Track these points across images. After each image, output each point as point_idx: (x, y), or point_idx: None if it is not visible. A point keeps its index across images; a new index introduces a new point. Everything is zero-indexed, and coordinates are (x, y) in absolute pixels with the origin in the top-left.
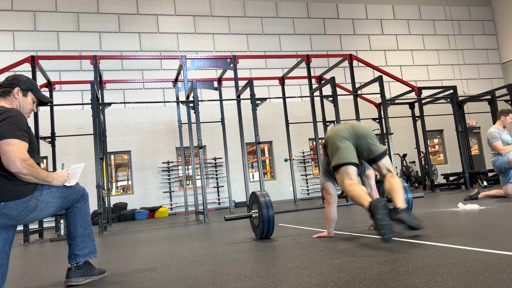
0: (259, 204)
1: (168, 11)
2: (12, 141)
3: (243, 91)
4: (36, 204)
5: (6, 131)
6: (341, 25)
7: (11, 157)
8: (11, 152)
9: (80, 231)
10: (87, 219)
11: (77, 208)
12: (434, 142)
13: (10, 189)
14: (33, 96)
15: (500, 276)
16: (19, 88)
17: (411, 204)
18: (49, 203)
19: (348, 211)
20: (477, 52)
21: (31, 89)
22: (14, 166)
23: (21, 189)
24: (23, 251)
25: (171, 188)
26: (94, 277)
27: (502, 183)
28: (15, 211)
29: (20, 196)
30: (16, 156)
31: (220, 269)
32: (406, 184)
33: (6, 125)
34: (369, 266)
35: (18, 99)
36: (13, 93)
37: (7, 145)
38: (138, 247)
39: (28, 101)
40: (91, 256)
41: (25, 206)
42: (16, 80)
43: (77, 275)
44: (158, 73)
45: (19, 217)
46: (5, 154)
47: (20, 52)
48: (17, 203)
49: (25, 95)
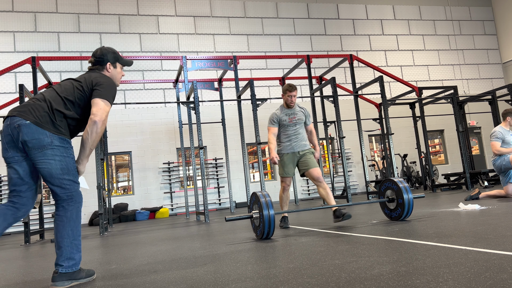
0: (260, 204)
1: (169, 12)
2: (109, 104)
3: (243, 92)
4: (48, 143)
5: (105, 93)
6: (341, 25)
7: (104, 112)
8: (105, 111)
9: (67, 242)
10: (76, 229)
11: (66, 212)
12: (434, 142)
13: (43, 118)
14: (120, 65)
15: (501, 276)
16: (110, 62)
17: (412, 204)
18: (55, 156)
19: (349, 210)
20: (478, 52)
21: (117, 59)
22: (98, 117)
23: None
24: (24, 252)
25: (171, 188)
26: (81, 280)
27: (502, 183)
28: (29, 135)
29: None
30: (105, 116)
31: (221, 270)
32: (407, 185)
33: (106, 89)
34: (370, 266)
35: (110, 72)
36: (106, 68)
37: (105, 104)
38: (139, 247)
39: (118, 71)
40: (74, 268)
41: (39, 138)
42: (105, 56)
43: (62, 279)
44: (159, 73)
45: (30, 143)
46: (99, 109)
47: (20, 53)
48: (37, 130)
49: (115, 67)
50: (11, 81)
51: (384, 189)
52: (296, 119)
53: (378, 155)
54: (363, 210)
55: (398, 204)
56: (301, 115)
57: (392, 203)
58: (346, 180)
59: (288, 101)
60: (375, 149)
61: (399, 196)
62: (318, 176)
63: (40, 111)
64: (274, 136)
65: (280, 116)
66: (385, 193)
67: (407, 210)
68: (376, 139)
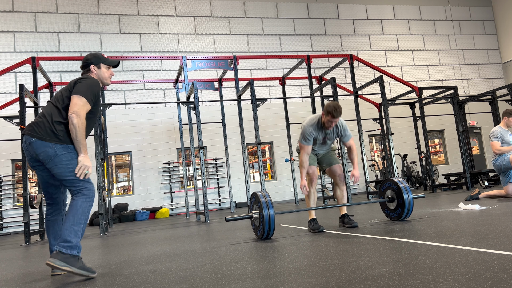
0: (260, 204)
1: (169, 12)
2: (83, 98)
3: (243, 92)
4: (53, 154)
5: (81, 89)
6: (341, 26)
7: (76, 106)
8: (78, 104)
9: (67, 226)
10: (77, 216)
11: (73, 201)
12: (435, 142)
13: (45, 132)
14: (105, 65)
15: (501, 276)
16: (93, 64)
17: (412, 204)
18: (62, 162)
19: (349, 211)
20: (478, 52)
21: (101, 61)
22: (72, 112)
23: (51, 136)
24: (24, 252)
25: (171, 188)
26: (74, 269)
27: (502, 183)
28: (38, 149)
29: (46, 139)
30: (80, 109)
31: (221, 270)
32: (407, 185)
33: (82, 86)
34: (370, 266)
35: (96, 73)
36: (91, 70)
37: (78, 99)
38: (139, 247)
39: (103, 71)
40: (69, 251)
41: (45, 150)
42: (88, 60)
43: (56, 257)
44: (159, 73)
45: (40, 156)
46: (73, 104)
47: (21, 53)
48: (42, 144)
49: (99, 67)
50: (11, 81)
51: (384, 189)
52: (331, 138)
53: (378, 155)
54: (363, 210)
55: (398, 204)
56: (337, 133)
57: (392, 203)
58: (347, 180)
59: (326, 125)
60: (375, 149)
61: (399, 196)
62: (341, 173)
63: (42, 127)
64: (307, 157)
65: (315, 135)
66: (385, 193)
67: (407, 210)
68: (376, 139)
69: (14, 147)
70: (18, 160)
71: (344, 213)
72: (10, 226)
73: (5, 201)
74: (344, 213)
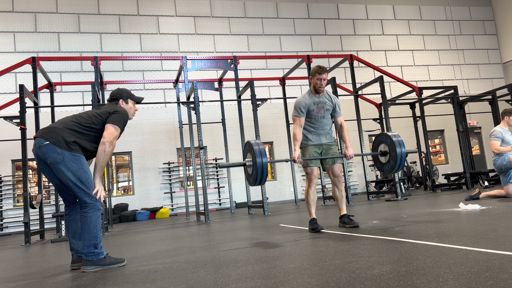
0: (253, 152)
1: (169, 12)
2: (118, 129)
3: (243, 92)
4: (60, 160)
5: (118, 120)
6: (341, 26)
7: (112, 135)
8: (113, 134)
9: (86, 243)
10: (91, 229)
11: (82, 217)
12: (435, 142)
13: (57, 139)
14: (132, 101)
15: (502, 276)
16: (122, 99)
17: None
18: (69, 168)
19: (349, 211)
20: (478, 52)
21: (129, 97)
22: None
23: (61, 143)
24: (24, 252)
25: (172, 189)
26: (105, 267)
27: (503, 183)
28: (46, 153)
29: (56, 144)
30: (114, 138)
31: (221, 270)
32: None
33: (119, 117)
34: (370, 266)
35: (123, 107)
36: (119, 103)
37: (115, 129)
38: (139, 248)
39: (130, 106)
40: (97, 257)
41: (53, 155)
42: (119, 95)
43: (88, 264)
44: (159, 74)
45: (48, 160)
46: (109, 132)
47: (21, 53)
48: (51, 148)
49: (127, 103)
50: (11, 81)
51: (378, 143)
52: (324, 109)
53: None
54: (363, 210)
55: (390, 157)
56: (329, 105)
57: (385, 157)
58: (346, 180)
59: (317, 85)
60: None
61: (392, 149)
62: (340, 174)
63: (54, 132)
64: (300, 129)
65: (308, 104)
66: (379, 147)
67: (399, 163)
68: None
69: (14, 147)
70: (18, 160)
71: (344, 213)
72: (10, 226)
73: (5, 201)
74: (344, 213)
